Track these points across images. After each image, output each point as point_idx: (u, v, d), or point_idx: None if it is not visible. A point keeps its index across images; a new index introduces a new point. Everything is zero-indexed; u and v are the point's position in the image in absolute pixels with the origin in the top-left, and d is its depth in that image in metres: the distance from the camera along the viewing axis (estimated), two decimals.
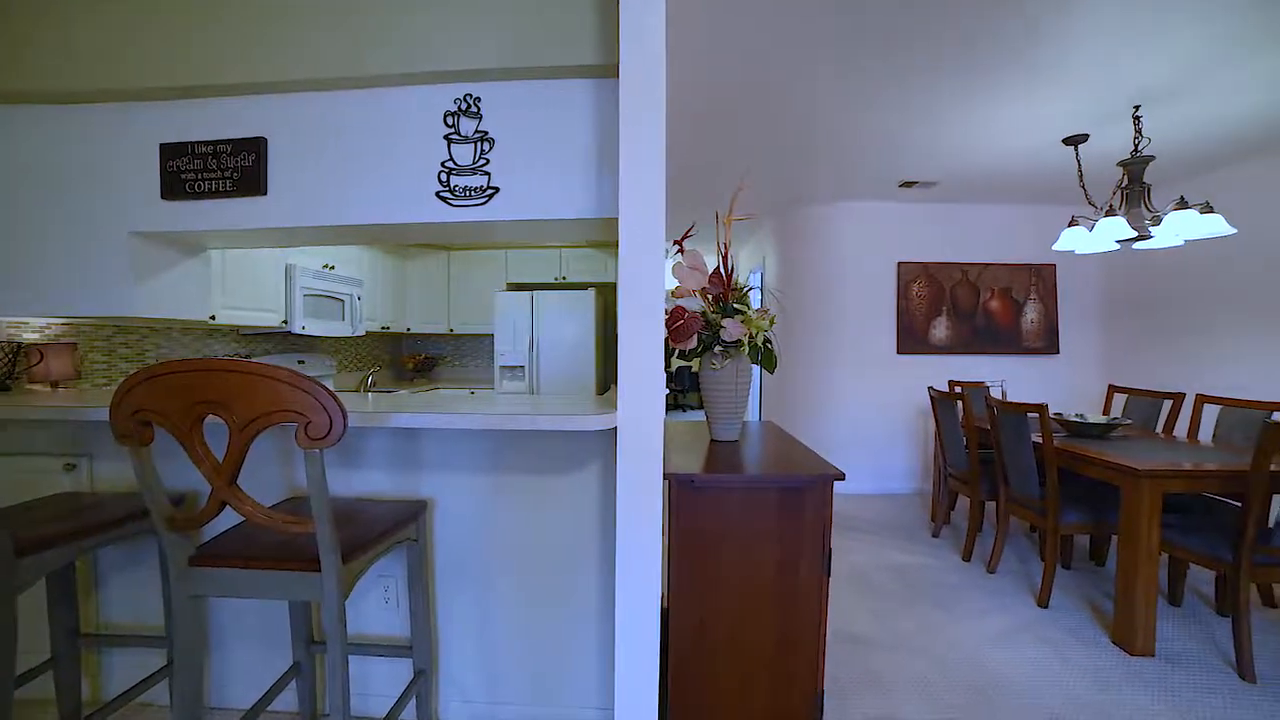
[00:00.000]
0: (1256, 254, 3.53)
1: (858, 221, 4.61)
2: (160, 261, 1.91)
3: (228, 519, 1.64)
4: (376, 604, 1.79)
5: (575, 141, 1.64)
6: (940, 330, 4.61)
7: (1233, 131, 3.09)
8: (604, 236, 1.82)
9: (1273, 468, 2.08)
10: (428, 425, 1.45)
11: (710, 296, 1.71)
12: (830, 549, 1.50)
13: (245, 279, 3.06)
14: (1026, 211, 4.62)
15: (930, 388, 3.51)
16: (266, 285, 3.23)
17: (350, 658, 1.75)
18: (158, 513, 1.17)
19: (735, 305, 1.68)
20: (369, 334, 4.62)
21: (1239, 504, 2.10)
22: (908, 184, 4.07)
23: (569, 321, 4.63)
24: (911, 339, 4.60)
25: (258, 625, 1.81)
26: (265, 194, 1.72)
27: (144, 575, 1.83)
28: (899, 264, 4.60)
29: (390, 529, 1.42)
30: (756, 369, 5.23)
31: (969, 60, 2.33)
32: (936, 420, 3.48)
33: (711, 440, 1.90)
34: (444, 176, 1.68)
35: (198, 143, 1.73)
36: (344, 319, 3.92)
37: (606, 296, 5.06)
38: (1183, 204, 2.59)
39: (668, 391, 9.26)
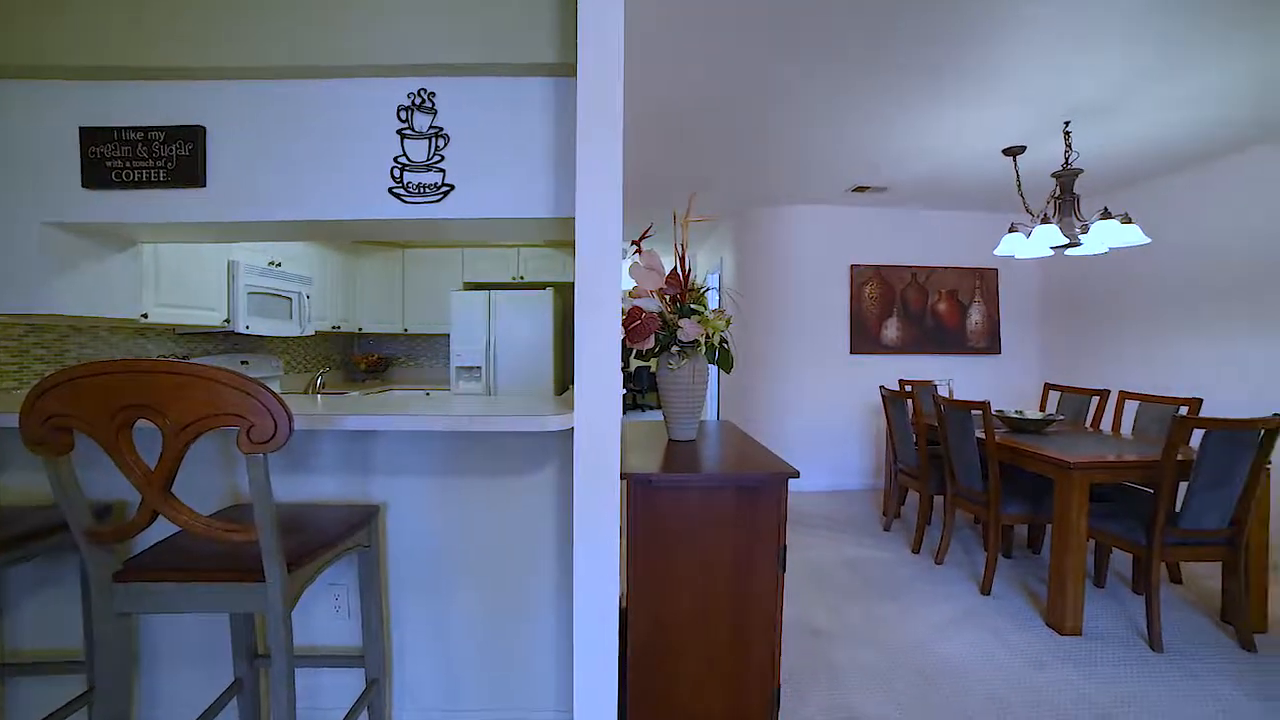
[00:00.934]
0: (1170, 262, 3.81)
1: (812, 224, 4.74)
2: (81, 255, 1.78)
3: (161, 529, 1.56)
4: (326, 613, 1.73)
5: (532, 140, 1.62)
6: (891, 331, 4.78)
7: (1150, 149, 3.32)
8: (561, 236, 1.81)
9: (1180, 458, 2.25)
10: (380, 427, 1.42)
11: (667, 297, 1.72)
12: (785, 545, 1.54)
13: (183, 275, 2.90)
14: (971, 217, 4.84)
15: (882, 387, 3.63)
16: (207, 282, 3.07)
17: (298, 670, 1.69)
18: (77, 525, 1.09)
19: (692, 306, 1.70)
20: (319, 334, 4.45)
21: (1153, 491, 2.28)
22: (860, 189, 4.21)
23: (527, 321, 4.58)
24: (864, 339, 4.76)
25: (194, 641, 1.72)
26: (204, 186, 1.63)
27: (61, 595, 1.71)
28: (852, 266, 4.75)
29: (340, 535, 1.37)
30: (714, 369, 5.30)
31: (916, 71, 2.42)
32: (888, 418, 3.61)
33: (669, 440, 1.91)
34: (397, 173, 1.64)
35: (126, 128, 1.62)
36: (292, 318, 3.76)
37: (565, 296, 5.02)
38: (1106, 214, 2.77)
39: (626, 391, 9.30)
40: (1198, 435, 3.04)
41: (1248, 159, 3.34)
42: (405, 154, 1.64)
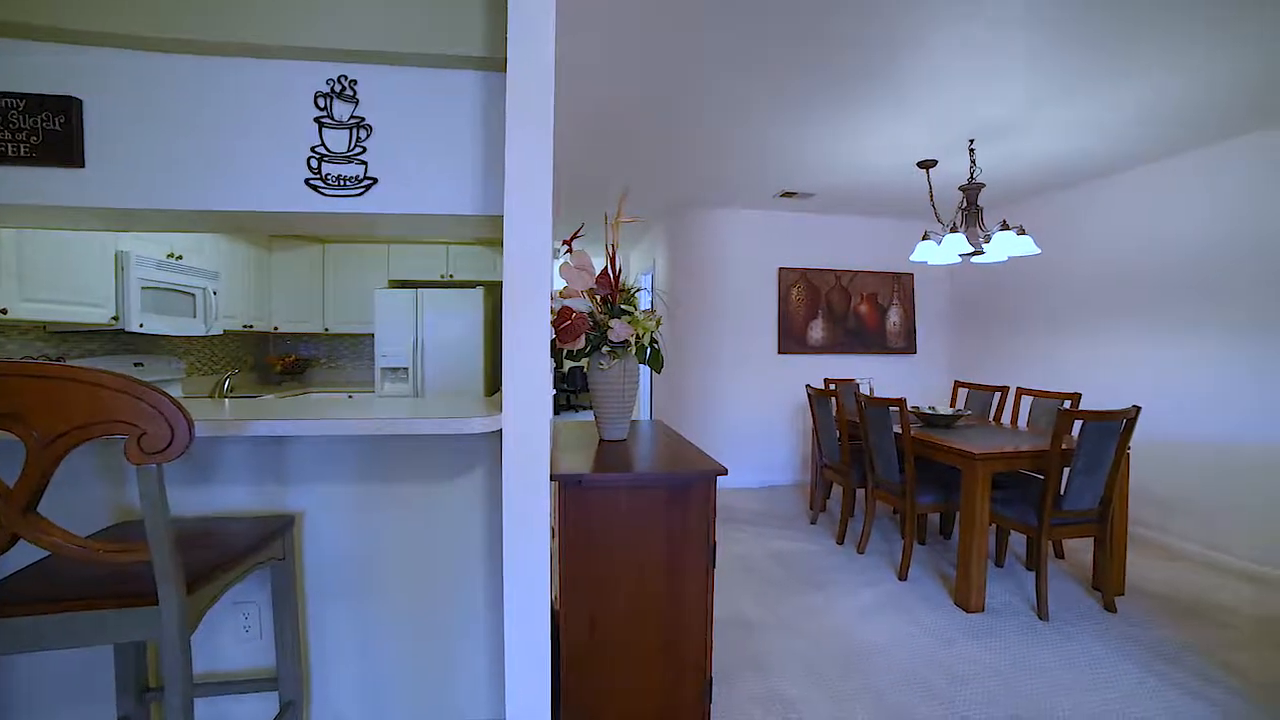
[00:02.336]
0: (1059, 271, 4.21)
1: (743, 228, 4.88)
2: None
3: (28, 553, 1.39)
4: (233, 634, 1.61)
5: (461, 135, 1.58)
6: (817, 332, 5.01)
7: (1043, 167, 3.66)
8: (491, 234, 1.78)
9: (1064, 446, 2.50)
10: (293, 432, 1.34)
11: (598, 297, 1.73)
12: (715, 541, 1.58)
13: (56, 266, 2.58)
14: (890, 225, 5.14)
15: (808, 385, 3.79)
16: (89, 275, 2.76)
17: (198, 700, 1.56)
18: None
19: (623, 306, 1.72)
20: (228, 333, 4.12)
21: (1042, 477, 2.52)
22: (788, 194, 4.38)
23: (456, 321, 4.45)
24: (791, 340, 4.95)
25: (68, 678, 1.53)
26: (82, 166, 1.47)
27: None
28: (780, 269, 4.93)
29: (250, 548, 1.28)
30: (645, 369, 5.34)
31: (838, 87, 2.55)
32: (813, 415, 3.77)
33: (600, 440, 1.92)
34: (315, 163, 1.55)
35: None
36: (195, 316, 3.47)
37: (496, 296, 4.92)
38: (1005, 226, 3.03)
39: (559, 392, 9.23)
40: (1080, 426, 3.38)
41: (1130, 178, 3.74)
42: (324, 144, 1.55)
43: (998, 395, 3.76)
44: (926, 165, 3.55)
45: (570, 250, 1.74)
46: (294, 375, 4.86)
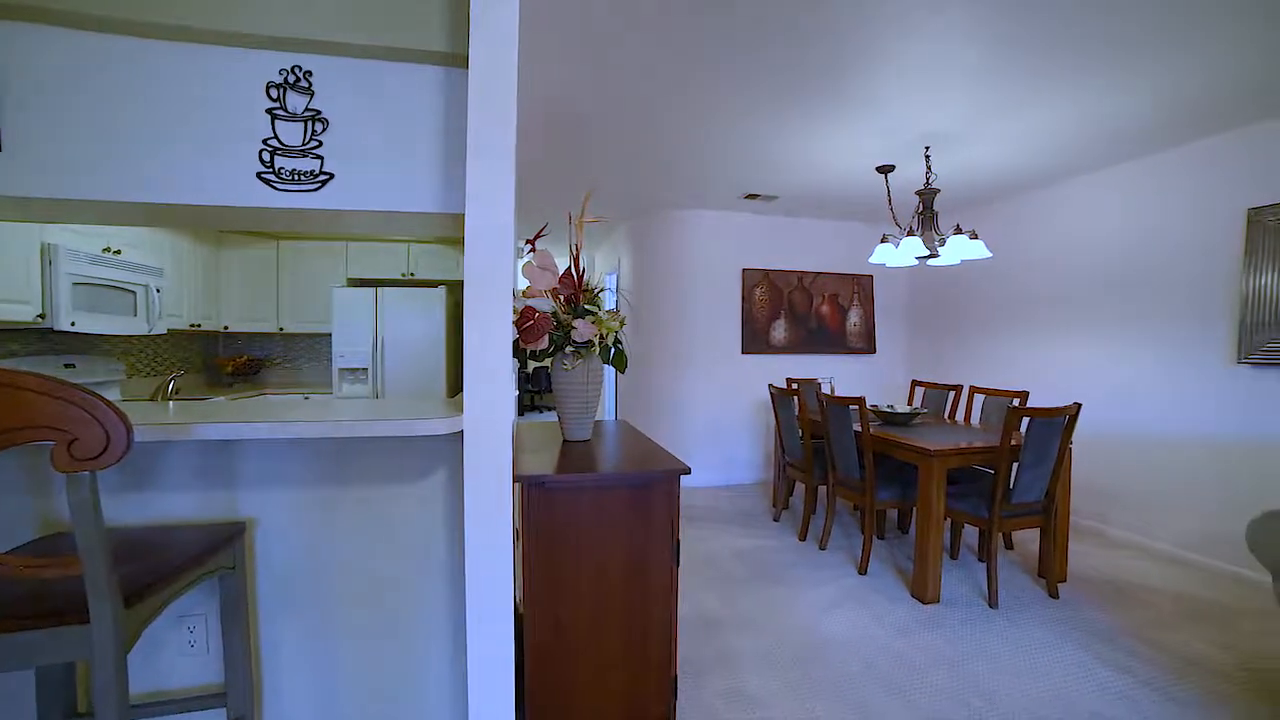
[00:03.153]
0: (1010, 274, 4.39)
1: (707, 229, 4.92)
2: None
3: None
4: (177, 650, 1.53)
5: (422, 131, 1.55)
6: (779, 332, 5.09)
7: (992, 175, 3.81)
8: (452, 232, 1.74)
9: (1013, 442, 2.61)
10: (244, 436, 1.28)
11: (562, 297, 1.72)
12: (679, 540, 1.59)
13: None
14: (850, 227, 5.27)
15: (770, 385, 3.85)
16: (10, 269, 2.58)
17: None
18: None
19: (586, 306, 1.71)
20: (173, 333, 3.94)
21: (993, 471, 2.63)
22: (752, 196, 4.44)
23: (418, 321, 4.36)
24: (754, 340, 5.02)
25: None
26: None
27: None
28: (744, 270, 4.99)
29: (196, 558, 1.23)
30: (610, 369, 5.35)
31: (801, 93, 2.60)
32: (776, 414, 3.83)
33: (564, 440, 1.91)
34: (267, 156, 1.49)
35: None
36: (136, 314, 3.30)
37: (458, 295, 4.83)
38: (959, 230, 3.14)
39: (524, 393, 9.14)
40: (1027, 422, 3.54)
41: (1074, 187, 3.93)
42: (277, 136, 1.50)
43: (952, 393, 3.90)
44: (885, 170, 3.65)
45: (534, 250, 1.72)
46: (246, 376, 4.67)
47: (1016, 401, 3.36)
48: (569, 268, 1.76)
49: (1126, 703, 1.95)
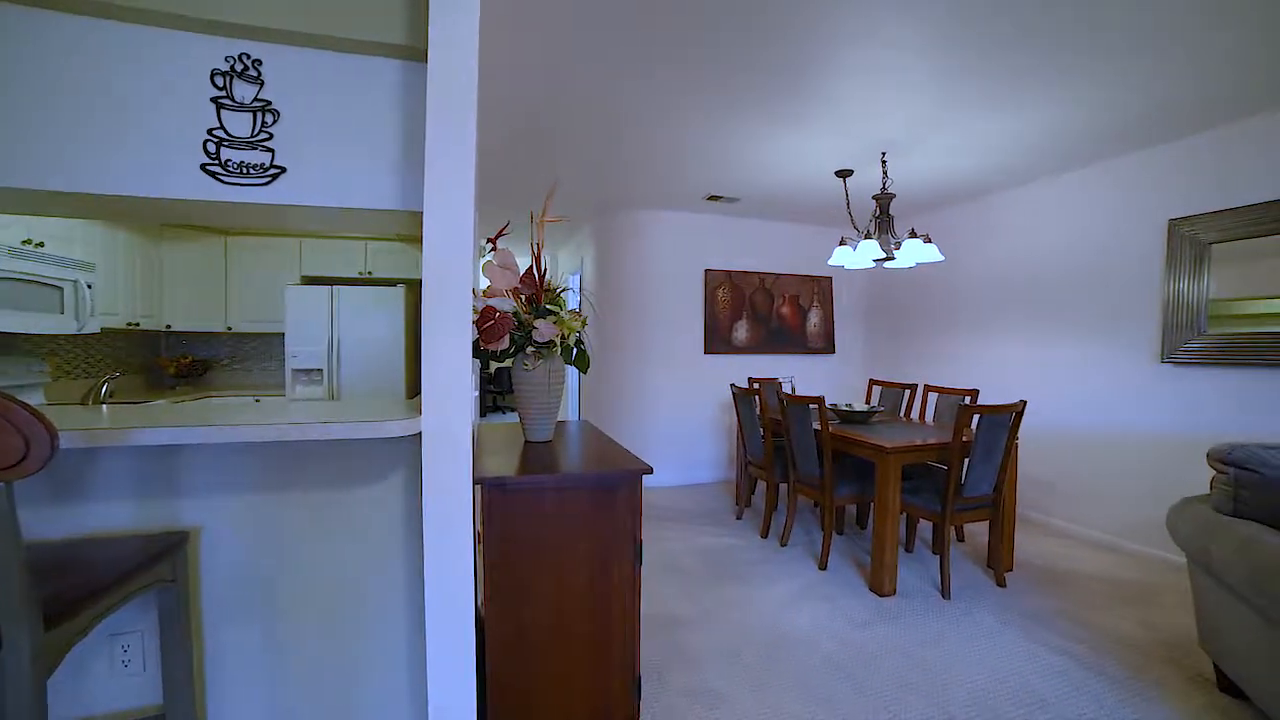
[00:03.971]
0: (960, 277, 4.57)
1: (670, 229, 4.95)
2: None
3: None
4: (108, 671, 1.44)
5: (379, 126, 1.50)
6: (741, 332, 5.16)
7: (945, 182, 3.96)
8: (411, 230, 1.70)
9: (964, 438, 2.72)
10: (188, 440, 1.22)
11: (523, 297, 1.70)
12: (641, 540, 1.59)
13: None
14: (810, 230, 5.38)
15: (733, 384, 3.91)
16: None
17: None
18: None
19: (548, 306, 1.70)
20: (107, 332, 3.71)
21: (946, 467, 2.73)
22: (714, 198, 4.49)
23: (375, 320, 4.24)
24: (717, 340, 5.08)
25: None
26: None
27: None
28: (706, 271, 5.05)
29: (131, 572, 1.16)
30: (573, 369, 5.33)
31: (762, 97, 2.64)
32: (738, 413, 3.88)
33: (526, 441, 1.89)
34: (212, 147, 1.43)
35: None
36: (64, 312, 3.10)
37: (417, 294, 4.70)
38: (913, 234, 3.25)
39: (486, 393, 9.00)
40: (977, 419, 3.69)
41: (1019, 195, 4.12)
42: (223, 127, 1.44)
43: (908, 392, 4.03)
44: (843, 174, 3.75)
45: (495, 248, 1.70)
46: (191, 378, 4.45)
47: (967, 399, 3.49)
48: (530, 267, 1.75)
49: (1065, 680, 2.07)
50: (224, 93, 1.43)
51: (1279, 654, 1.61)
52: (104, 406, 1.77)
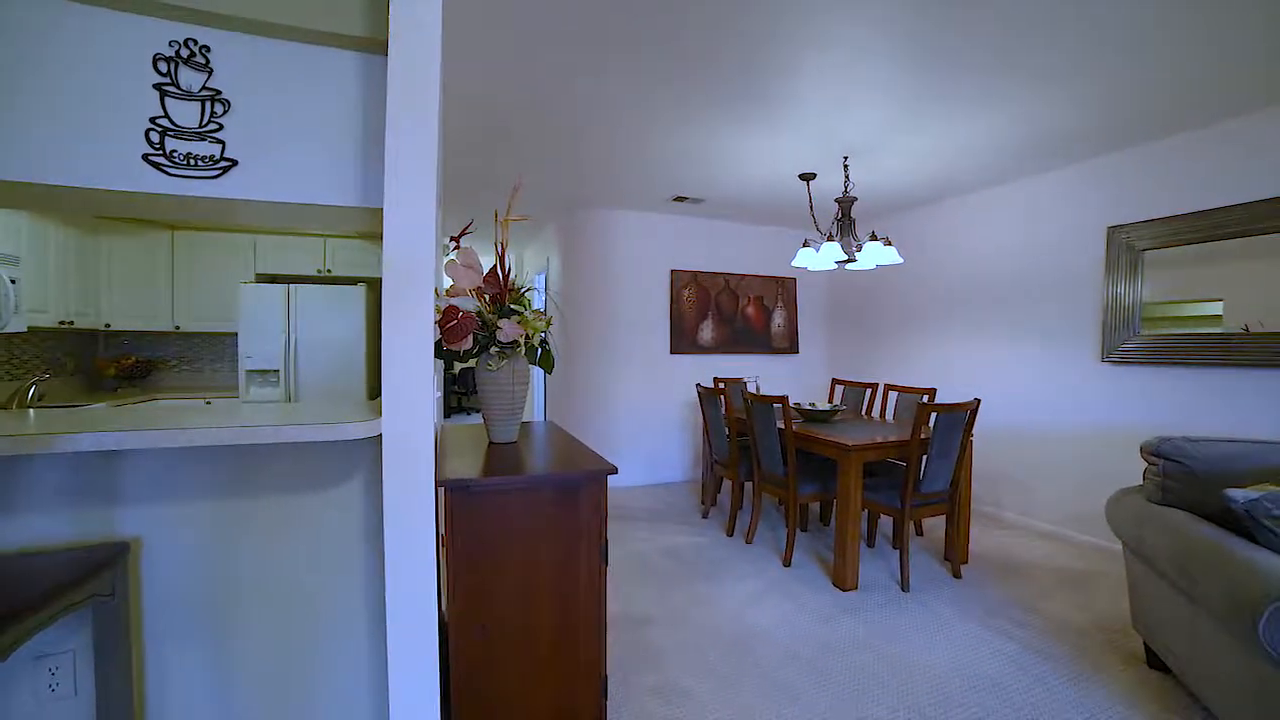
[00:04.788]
0: (919, 279, 4.72)
1: (636, 230, 4.96)
2: None
3: None
4: (33, 698, 1.33)
5: (338, 120, 1.46)
6: (707, 332, 5.21)
7: (904, 186, 4.08)
8: (371, 228, 1.65)
9: (922, 436, 2.81)
10: (128, 446, 1.16)
11: (487, 296, 1.67)
12: (606, 540, 1.59)
13: None
14: (775, 231, 5.47)
15: (698, 384, 3.94)
16: None
17: None
18: None
19: (512, 306, 1.68)
20: (36, 331, 3.48)
21: (905, 464, 2.82)
22: (680, 198, 4.51)
23: (335, 320, 4.10)
24: (682, 340, 5.11)
25: None
26: None
27: None
28: (672, 271, 5.08)
29: (61, 587, 1.09)
30: (539, 370, 5.28)
31: (724, 97, 2.66)
32: (704, 413, 3.91)
33: (490, 443, 1.86)
34: (156, 137, 1.36)
35: None
36: None
37: (379, 293, 4.60)
38: (874, 237, 3.34)
39: (450, 394, 8.84)
40: (935, 418, 3.82)
41: (973, 200, 4.28)
42: (168, 115, 1.37)
43: (869, 391, 4.13)
44: (807, 178, 3.82)
45: (458, 247, 1.67)
46: (134, 380, 4.22)
47: (925, 398, 3.61)
48: (495, 266, 1.72)
49: (1014, 665, 2.17)
50: (168, 79, 1.36)
51: (1198, 631, 1.72)
52: (31, 411, 1.66)
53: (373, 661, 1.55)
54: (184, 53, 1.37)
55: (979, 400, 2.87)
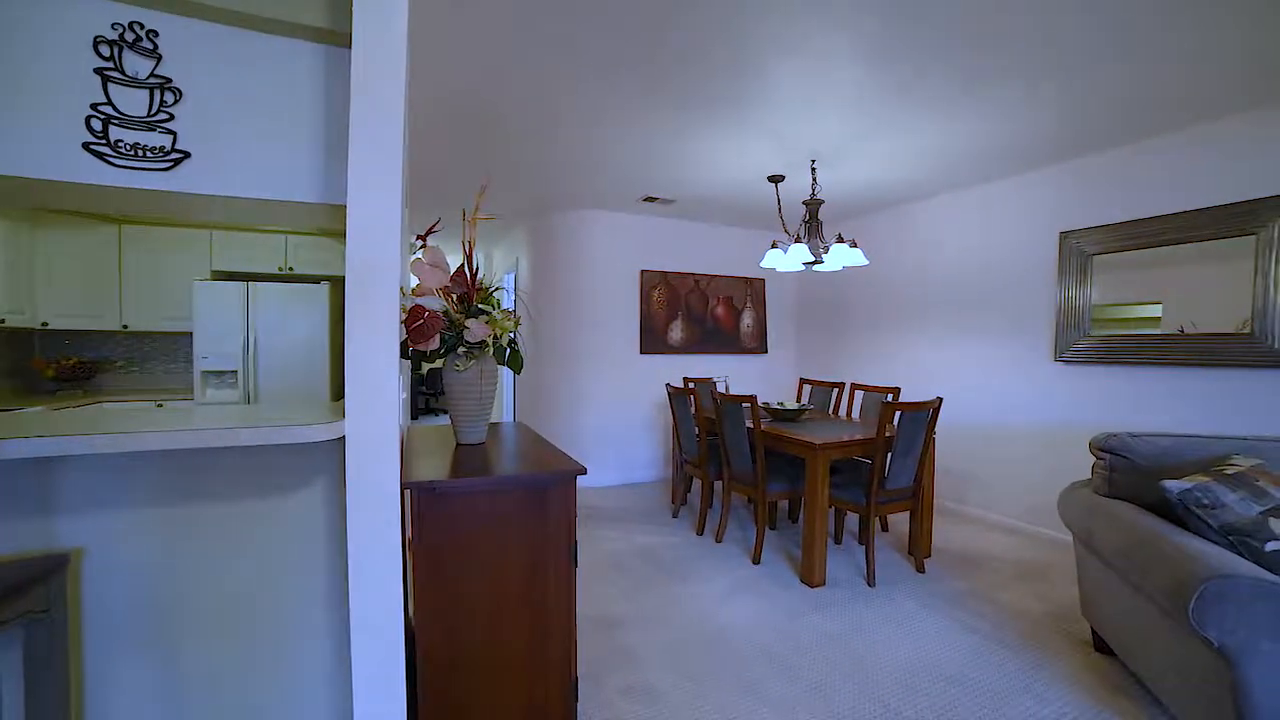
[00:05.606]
0: (885, 281, 4.84)
1: (606, 230, 4.95)
2: None
3: None
4: None
5: (299, 113, 1.42)
6: (677, 332, 5.24)
7: (870, 189, 4.18)
8: (334, 224, 1.61)
9: (887, 434, 2.88)
10: (65, 451, 1.09)
11: (454, 296, 1.64)
12: (576, 541, 1.58)
13: None
14: (744, 232, 5.53)
15: (668, 384, 3.95)
16: None
17: None
18: None
19: (480, 306, 1.65)
20: None
21: (870, 462, 2.88)
22: (650, 199, 4.52)
23: (297, 319, 3.98)
24: (652, 340, 5.13)
25: None
26: None
27: None
28: (642, 272, 5.08)
29: None
30: (507, 371, 5.23)
31: (694, 99, 2.68)
32: (673, 413, 3.93)
33: (458, 444, 1.83)
34: (98, 125, 1.29)
35: None
36: None
37: (343, 291, 4.49)
38: (840, 239, 3.40)
39: (418, 395, 8.67)
40: (899, 416, 3.92)
41: (936, 204, 4.40)
42: (111, 103, 1.30)
43: (836, 390, 4.21)
44: (775, 180, 3.87)
45: (425, 246, 1.64)
46: (77, 382, 4.00)
47: (890, 397, 3.69)
48: (462, 265, 1.69)
49: (974, 654, 2.25)
50: (111, 64, 1.30)
51: (1139, 615, 1.82)
52: None
53: (336, 673, 1.50)
54: (129, 36, 1.31)
55: (941, 399, 2.96)
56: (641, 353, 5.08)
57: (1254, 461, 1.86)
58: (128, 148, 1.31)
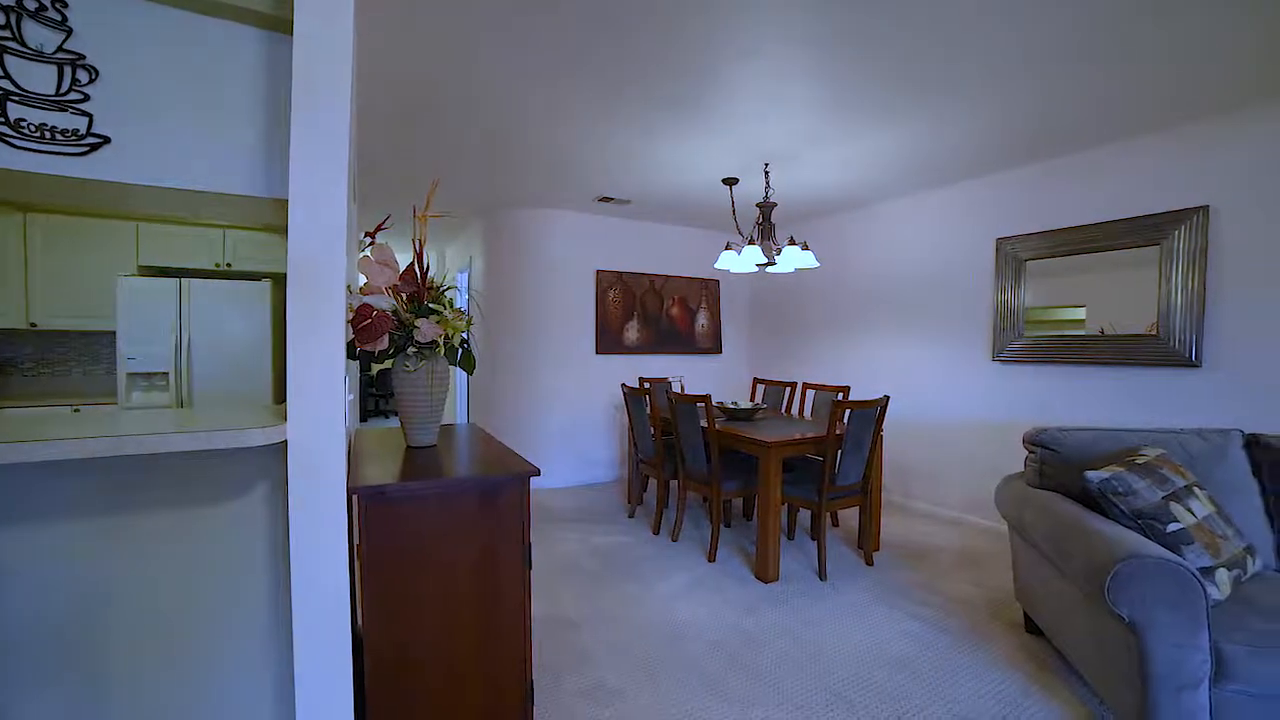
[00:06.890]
0: (831, 282, 4.99)
1: (561, 229, 4.92)
2: None
3: None
4: None
5: (236, 101, 1.35)
6: (632, 333, 5.25)
7: (821, 193, 4.30)
8: (277, 220, 1.54)
9: (837, 432, 2.97)
10: None
11: (404, 295, 1.60)
12: (530, 542, 1.56)
13: None
14: (699, 233, 5.59)
15: (624, 384, 3.96)
16: None
17: None
18: None
19: (431, 305, 1.61)
20: None
21: (821, 459, 2.97)
22: (606, 199, 4.52)
23: (236, 318, 3.77)
24: (608, 340, 5.12)
25: None
26: None
27: None
28: (598, 272, 5.07)
29: None
30: (461, 371, 5.12)
31: (649, 100, 2.69)
32: (629, 413, 3.94)
33: (408, 447, 1.78)
34: None
35: None
36: None
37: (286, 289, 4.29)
38: (792, 242, 3.49)
39: (368, 397, 8.39)
40: (848, 414, 4.05)
41: (883, 209, 4.57)
42: (10, 77, 1.20)
43: (788, 389, 4.32)
44: (730, 182, 3.94)
45: (373, 243, 1.58)
46: None
47: (840, 396, 3.81)
48: (412, 263, 1.65)
49: (919, 642, 2.35)
50: (8, 32, 1.19)
51: (1064, 598, 1.96)
52: None
53: (279, 688, 1.43)
54: (29, 4, 1.21)
55: (888, 397, 3.07)
56: (597, 353, 5.06)
57: (1158, 451, 2.03)
58: (32, 128, 1.22)
